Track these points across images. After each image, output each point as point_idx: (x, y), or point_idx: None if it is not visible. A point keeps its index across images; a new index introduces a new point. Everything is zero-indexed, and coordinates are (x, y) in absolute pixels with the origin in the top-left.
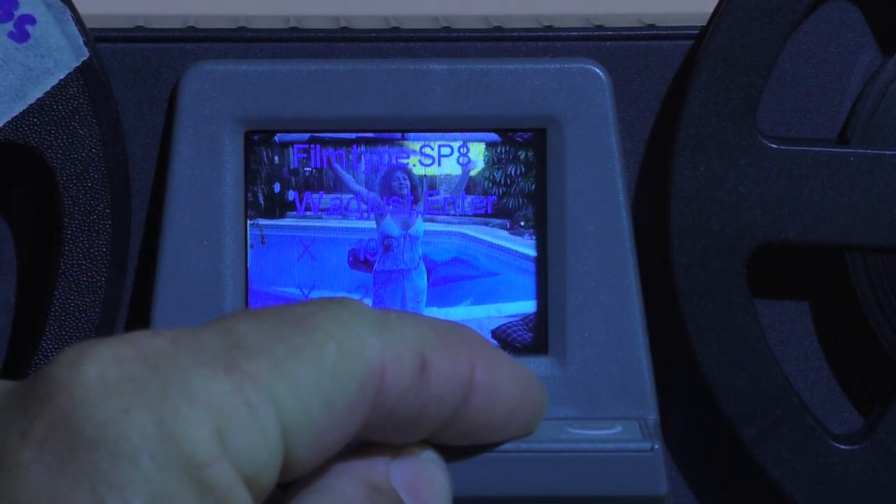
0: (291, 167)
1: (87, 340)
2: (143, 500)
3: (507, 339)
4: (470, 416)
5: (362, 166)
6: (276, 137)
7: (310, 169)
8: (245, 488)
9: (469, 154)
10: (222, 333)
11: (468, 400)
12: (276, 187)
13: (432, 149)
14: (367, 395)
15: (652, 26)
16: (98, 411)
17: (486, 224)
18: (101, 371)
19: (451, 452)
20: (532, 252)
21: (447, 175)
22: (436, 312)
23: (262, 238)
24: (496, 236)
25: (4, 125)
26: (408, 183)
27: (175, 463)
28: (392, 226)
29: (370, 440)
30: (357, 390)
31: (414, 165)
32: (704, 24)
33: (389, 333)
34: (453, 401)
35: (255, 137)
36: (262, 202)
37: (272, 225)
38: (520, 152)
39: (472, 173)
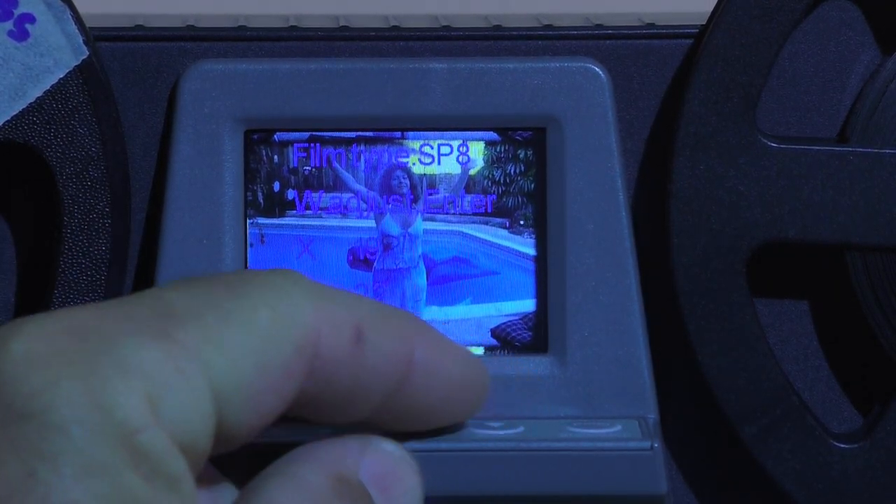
0: (291, 166)
1: (16, 319)
2: (75, 469)
3: (506, 339)
4: (410, 397)
5: (362, 165)
6: (275, 136)
7: (309, 168)
8: (180, 454)
9: (469, 153)
10: (151, 302)
11: (408, 379)
12: (276, 186)
13: (432, 148)
14: (302, 359)
15: (652, 25)
16: (26, 385)
17: (486, 223)
18: (27, 346)
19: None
20: (532, 251)
21: (447, 174)
22: (435, 311)
23: (262, 237)
24: (496, 235)
25: (4, 124)
26: (407, 182)
27: (107, 431)
28: (392, 225)
29: (309, 418)
30: (291, 354)
31: (413, 164)
32: (704, 23)
33: (325, 301)
34: (392, 377)
35: (255, 136)
36: (261, 201)
37: (272, 224)
38: (519, 151)
39: (472, 172)
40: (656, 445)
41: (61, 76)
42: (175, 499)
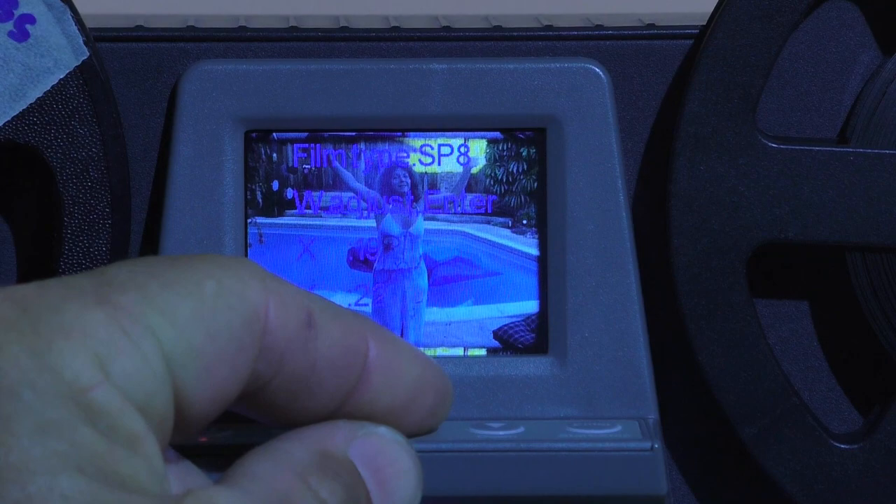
0: (291, 166)
1: None
2: (30, 429)
3: (509, 340)
4: (370, 398)
5: (362, 164)
6: (275, 136)
7: (309, 167)
8: (136, 412)
9: (469, 153)
10: (93, 274)
11: (366, 378)
12: (276, 186)
13: (432, 148)
14: (251, 333)
15: (652, 26)
16: None
17: (488, 223)
18: None
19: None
20: (535, 251)
21: (448, 172)
22: (436, 313)
23: (261, 237)
24: (498, 235)
25: (4, 125)
26: (408, 181)
27: (57, 391)
28: (392, 224)
29: (269, 416)
30: (240, 325)
31: (414, 164)
32: (704, 23)
33: (274, 282)
34: (347, 371)
35: (255, 136)
36: (261, 201)
37: (272, 224)
38: (522, 149)
39: (474, 171)
40: (656, 446)
41: (62, 77)
42: (135, 456)
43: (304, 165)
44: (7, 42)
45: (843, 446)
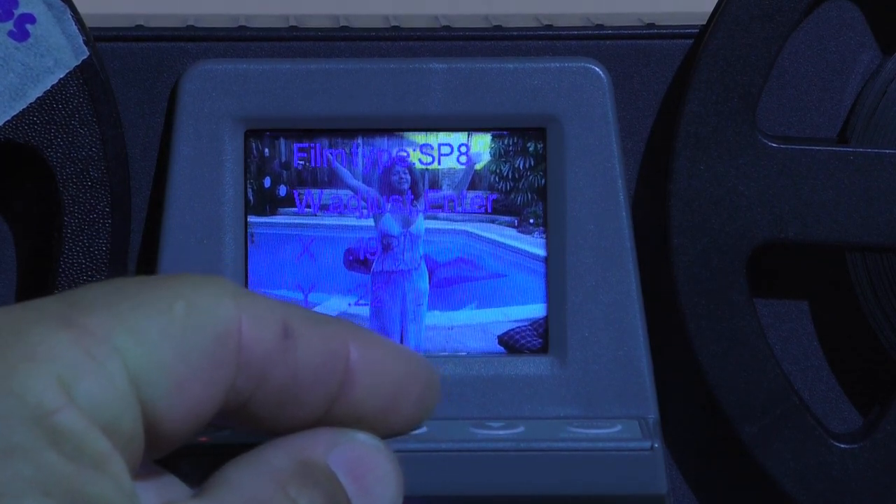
0: (291, 166)
1: None
2: None
3: (514, 346)
4: (355, 399)
5: (361, 162)
6: (275, 136)
7: (310, 167)
8: (102, 434)
9: (470, 151)
10: (61, 297)
11: (350, 381)
12: (277, 186)
13: (432, 147)
14: (226, 350)
15: (652, 25)
16: None
17: (493, 221)
18: None
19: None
20: (542, 252)
21: (450, 169)
22: (438, 316)
23: (262, 236)
24: (503, 235)
25: (4, 124)
26: (408, 178)
27: (20, 414)
28: (391, 224)
29: (254, 425)
30: (212, 343)
31: (414, 161)
32: (704, 23)
33: (247, 298)
34: (329, 376)
35: (255, 136)
36: (262, 201)
37: (272, 223)
38: (528, 144)
39: (478, 167)
40: (656, 445)
41: (62, 76)
42: (103, 477)
43: (304, 166)
44: (7, 41)
45: (843, 446)
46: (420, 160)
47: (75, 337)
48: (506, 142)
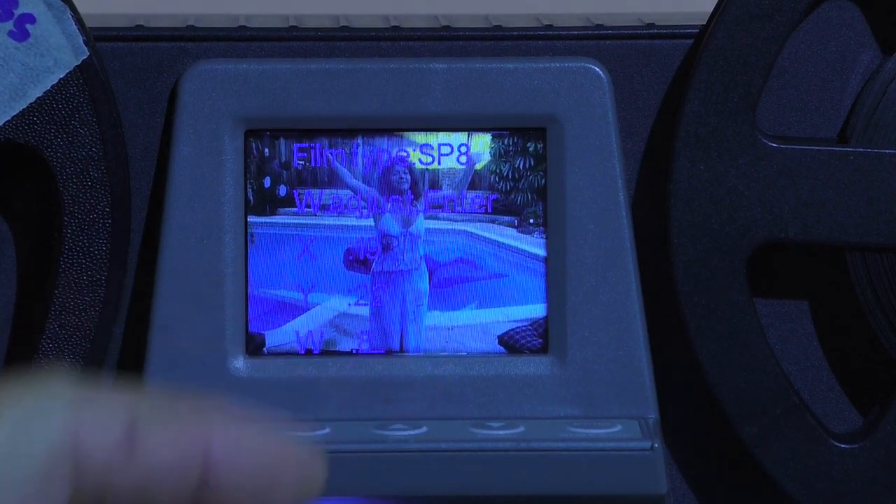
0: (291, 166)
1: None
2: None
3: (514, 346)
4: (220, 495)
5: (361, 162)
6: (275, 136)
7: (310, 167)
8: None
9: (470, 151)
10: None
11: (211, 477)
12: (277, 185)
13: (432, 147)
14: (57, 473)
15: (652, 25)
16: None
17: (493, 221)
18: None
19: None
20: (542, 252)
21: (451, 169)
22: (438, 317)
23: (262, 236)
24: (503, 235)
25: (4, 124)
26: (408, 178)
27: None
28: (391, 224)
29: None
30: (39, 472)
31: (414, 162)
32: (704, 23)
33: (89, 404)
34: (184, 476)
35: (255, 136)
36: (262, 201)
37: (272, 223)
38: (529, 144)
39: (478, 167)
40: (656, 445)
41: (62, 76)
42: None
43: (305, 166)
44: (7, 41)
45: (843, 446)
46: (420, 160)
47: None
48: (506, 142)
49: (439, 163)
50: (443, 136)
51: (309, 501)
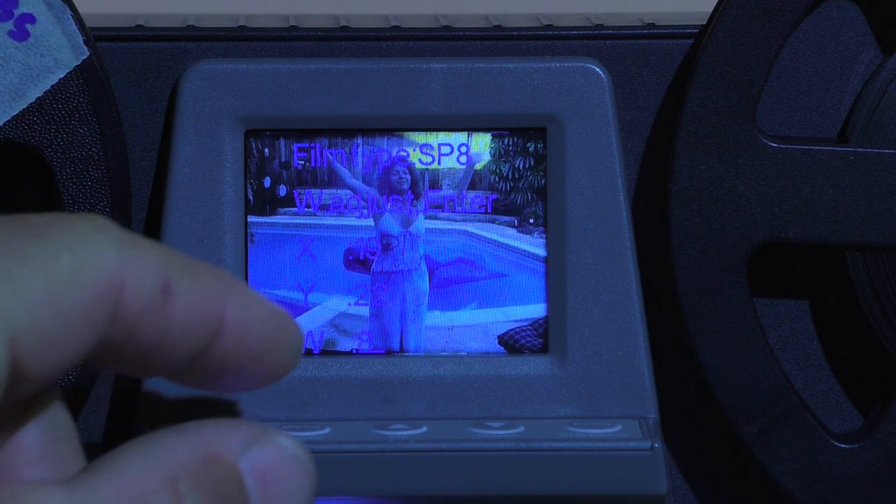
0: (291, 166)
1: None
2: None
3: (514, 346)
4: (219, 356)
5: (361, 162)
6: (275, 136)
7: (309, 167)
8: None
9: (470, 151)
10: None
11: (218, 338)
12: (277, 185)
13: (432, 147)
14: (102, 307)
15: (652, 25)
16: None
17: (493, 221)
18: None
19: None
20: (542, 252)
21: (450, 169)
22: (438, 317)
23: (262, 236)
24: (503, 235)
25: (5, 124)
26: (408, 178)
27: None
28: (391, 223)
29: (112, 368)
30: (92, 300)
31: (414, 162)
32: (704, 23)
33: (131, 250)
34: (200, 334)
35: (255, 136)
36: (262, 201)
37: (271, 223)
38: (529, 144)
39: (478, 167)
40: (657, 445)
41: (62, 76)
42: None
43: (305, 166)
44: (7, 41)
45: (843, 446)
46: (420, 160)
47: None
48: (506, 142)
49: (439, 163)
50: (443, 136)
51: (284, 375)
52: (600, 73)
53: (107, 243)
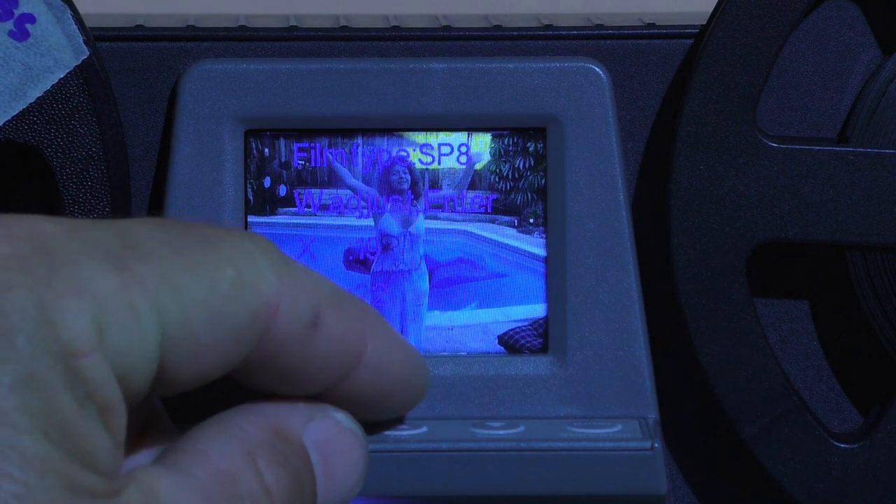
0: (291, 165)
1: None
2: (12, 378)
3: (514, 346)
4: (353, 390)
5: (361, 162)
6: (275, 136)
7: (309, 167)
8: (116, 383)
9: (470, 151)
10: (121, 232)
11: (354, 373)
12: (277, 185)
13: (432, 147)
14: (255, 328)
15: (652, 25)
16: None
17: (493, 221)
18: None
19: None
20: (542, 252)
21: (451, 169)
22: (438, 317)
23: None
24: (504, 234)
25: (4, 124)
26: (408, 178)
27: (50, 348)
28: (391, 223)
29: (248, 385)
30: (247, 320)
31: (414, 162)
32: (704, 23)
33: (290, 277)
34: (339, 368)
35: (255, 136)
36: (262, 201)
37: (271, 223)
38: (529, 144)
39: (478, 167)
40: (657, 445)
41: (62, 76)
42: (100, 431)
43: (305, 166)
44: (7, 41)
45: (843, 446)
46: (420, 160)
47: (124, 283)
48: (506, 142)
49: (439, 163)
50: (443, 136)
51: (407, 413)
52: (600, 73)
53: (268, 266)
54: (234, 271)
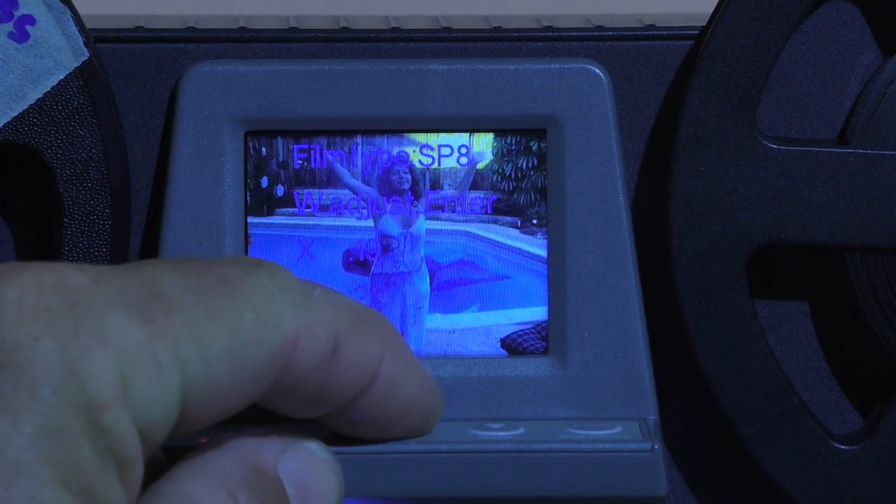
0: (291, 166)
1: (15, 262)
2: (35, 429)
3: (517, 349)
4: (365, 408)
5: (361, 163)
6: (275, 137)
7: (309, 167)
8: (137, 437)
9: (471, 152)
10: (146, 281)
11: (368, 391)
12: (276, 186)
13: (433, 148)
14: (274, 367)
15: (652, 26)
16: (9, 334)
17: (495, 222)
18: (20, 295)
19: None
20: (545, 253)
21: (451, 169)
22: (439, 319)
23: (262, 237)
24: (506, 235)
25: (4, 125)
26: (408, 178)
27: (75, 400)
28: (391, 224)
29: (273, 408)
30: (266, 361)
31: (414, 162)
32: (704, 24)
33: (309, 310)
34: (355, 388)
35: (255, 137)
36: (261, 202)
37: (272, 224)
38: (532, 143)
39: (479, 167)
40: (657, 447)
41: (62, 78)
42: (117, 486)
43: (304, 167)
44: (7, 43)
45: (843, 447)
46: (420, 160)
47: (149, 336)
48: (507, 142)
49: (440, 163)
50: (443, 137)
51: (418, 436)
52: (600, 74)
53: (287, 303)
54: (254, 314)
